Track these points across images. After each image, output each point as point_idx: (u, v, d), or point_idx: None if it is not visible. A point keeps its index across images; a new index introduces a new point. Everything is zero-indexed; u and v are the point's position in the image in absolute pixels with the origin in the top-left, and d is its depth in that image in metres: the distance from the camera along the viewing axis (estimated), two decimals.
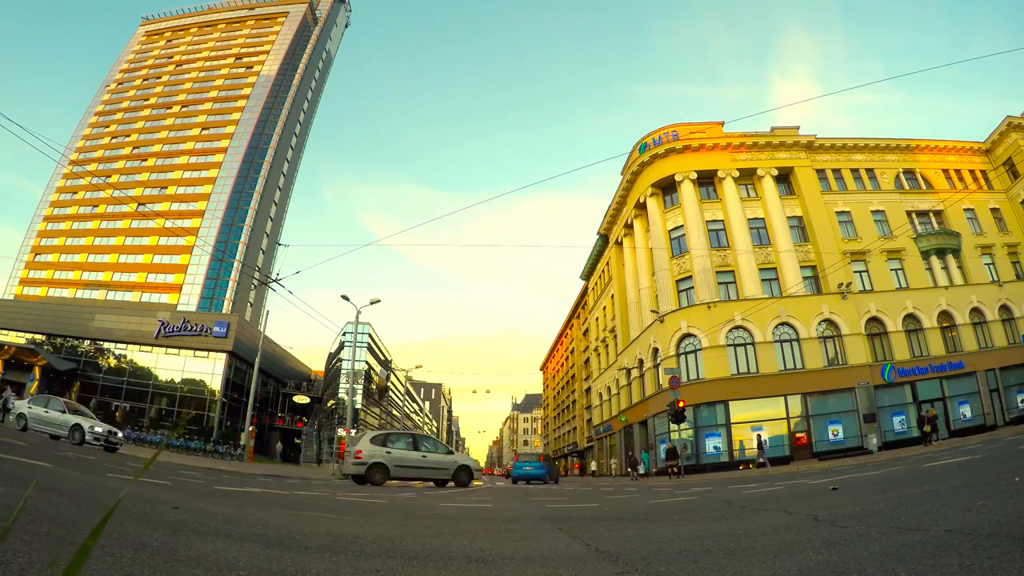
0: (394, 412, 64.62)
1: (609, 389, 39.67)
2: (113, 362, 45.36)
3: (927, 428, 21.72)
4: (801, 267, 28.69)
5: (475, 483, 15.14)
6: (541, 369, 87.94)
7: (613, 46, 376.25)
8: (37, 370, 38.02)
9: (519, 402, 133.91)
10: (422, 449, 14.05)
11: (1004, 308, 28.62)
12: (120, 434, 15.95)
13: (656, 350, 29.62)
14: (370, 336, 55.45)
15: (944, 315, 28.20)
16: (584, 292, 53.67)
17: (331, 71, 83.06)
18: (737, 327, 26.87)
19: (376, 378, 56.18)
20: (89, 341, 45.61)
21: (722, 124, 29.94)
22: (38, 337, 44.62)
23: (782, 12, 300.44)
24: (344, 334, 49.23)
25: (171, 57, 74.83)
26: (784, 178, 31.39)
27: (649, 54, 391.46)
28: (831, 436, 25.11)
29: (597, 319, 45.77)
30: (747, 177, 31.13)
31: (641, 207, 33.62)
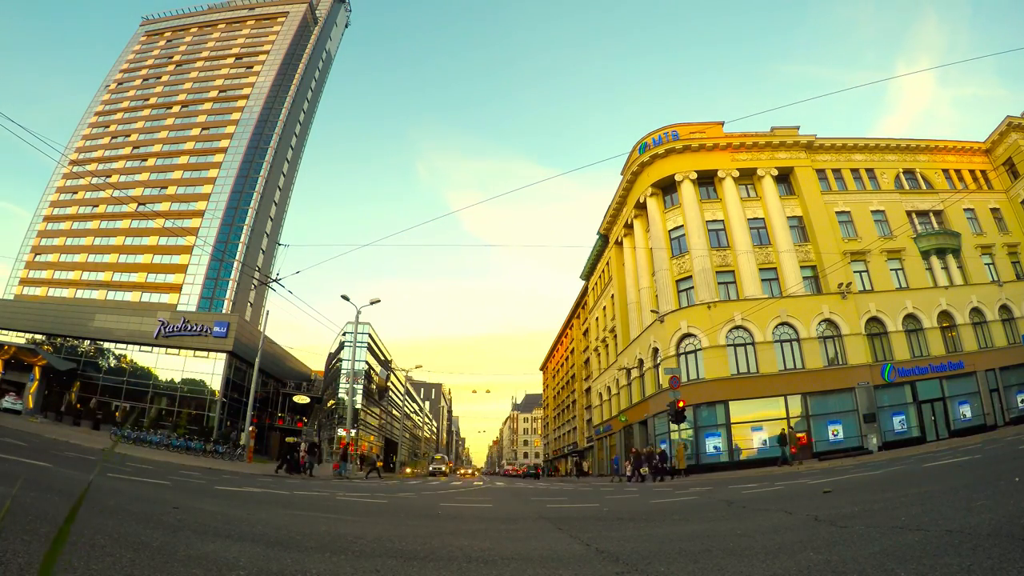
0: (394, 412, 64.65)
1: (609, 389, 39.65)
2: (113, 362, 45.33)
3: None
4: (801, 267, 28.68)
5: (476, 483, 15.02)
6: (541, 369, 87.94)
7: (771, 18, 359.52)
8: (37, 370, 37.99)
9: (519, 402, 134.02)
10: None
11: (1004, 308, 28.61)
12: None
13: (656, 350, 29.61)
14: (370, 336, 55.46)
15: (944, 315, 28.19)
16: (584, 292, 53.67)
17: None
18: (737, 327, 26.86)
19: (376, 378, 56.19)
20: (89, 341, 45.57)
21: (722, 124, 29.97)
22: (38, 337, 44.60)
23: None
24: (344, 334, 49.27)
25: (171, 57, 74.84)
26: (784, 178, 31.38)
27: (801, 31, 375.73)
28: (831, 436, 25.09)
29: (597, 319, 45.76)
30: (747, 177, 31.12)
31: (641, 207, 33.61)
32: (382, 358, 61.16)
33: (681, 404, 21.64)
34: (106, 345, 45.34)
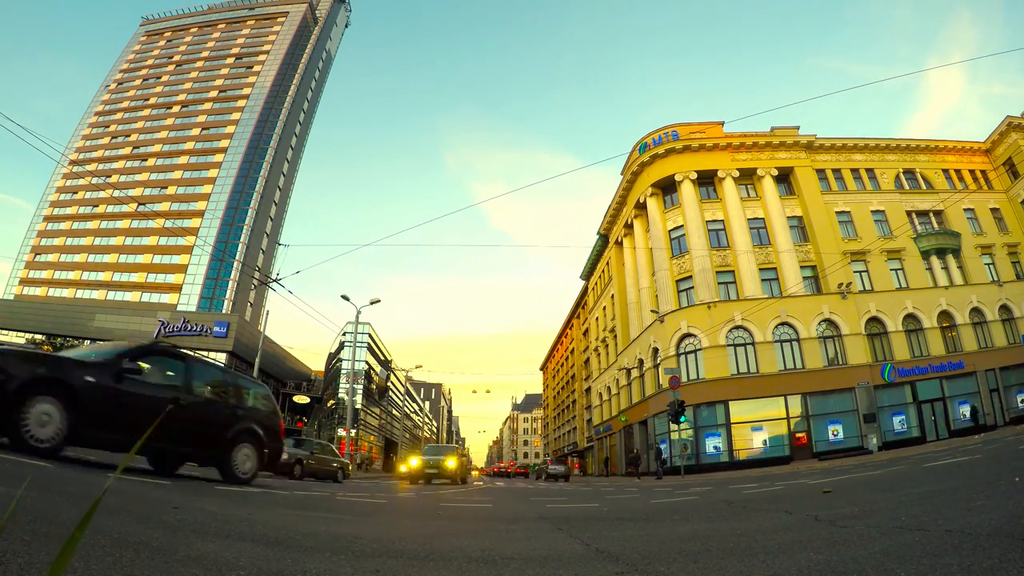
0: (394, 412, 64.62)
1: (609, 389, 39.66)
2: None
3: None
4: (801, 267, 28.69)
5: (476, 483, 15.16)
6: (541, 369, 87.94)
7: (812, 13, 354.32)
8: None
9: (519, 402, 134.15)
10: None
11: (1004, 308, 28.61)
12: None
13: (656, 350, 29.62)
14: (370, 336, 55.46)
15: (944, 315, 28.19)
16: (584, 292, 53.67)
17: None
18: (737, 327, 26.87)
19: (376, 378, 56.19)
20: (89, 341, 45.56)
21: (722, 124, 29.94)
22: (38, 337, 44.64)
23: None
24: (344, 334, 49.27)
25: (171, 57, 74.87)
26: (784, 178, 31.39)
27: (840, 26, 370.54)
28: (831, 436, 25.11)
29: (597, 319, 45.76)
30: (747, 177, 31.13)
31: (641, 207, 33.62)
32: (382, 358, 61.16)
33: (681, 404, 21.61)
34: None
